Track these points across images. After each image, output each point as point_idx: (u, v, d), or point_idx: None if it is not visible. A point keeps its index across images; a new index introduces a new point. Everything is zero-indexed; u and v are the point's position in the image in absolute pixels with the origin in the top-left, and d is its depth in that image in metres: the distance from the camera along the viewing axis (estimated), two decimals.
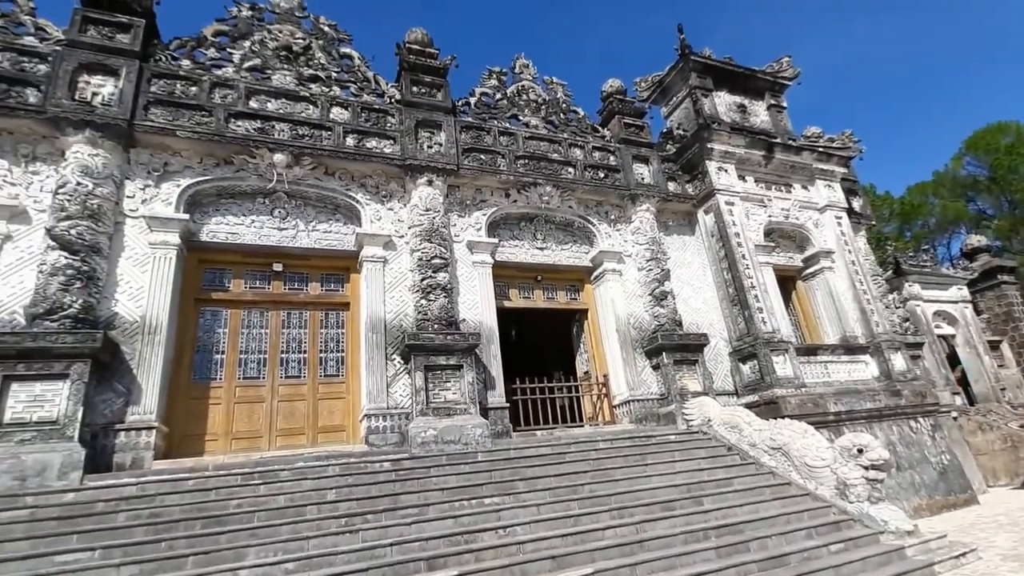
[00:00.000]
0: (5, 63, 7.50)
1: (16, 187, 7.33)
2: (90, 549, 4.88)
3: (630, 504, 6.42)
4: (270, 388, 8.27)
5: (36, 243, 7.08)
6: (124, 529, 5.29)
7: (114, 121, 7.63)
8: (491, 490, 6.50)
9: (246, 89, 8.80)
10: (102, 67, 7.91)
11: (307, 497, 6.07)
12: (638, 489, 6.85)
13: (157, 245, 7.74)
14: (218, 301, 8.44)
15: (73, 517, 5.39)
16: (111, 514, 5.51)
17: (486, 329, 9.21)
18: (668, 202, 11.81)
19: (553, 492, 6.59)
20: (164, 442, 7.15)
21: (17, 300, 6.81)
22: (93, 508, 5.58)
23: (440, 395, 8.02)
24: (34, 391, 6.24)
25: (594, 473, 7.19)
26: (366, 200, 9.31)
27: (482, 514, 5.91)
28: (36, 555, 4.76)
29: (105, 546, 4.92)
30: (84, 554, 4.83)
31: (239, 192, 8.70)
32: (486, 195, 10.32)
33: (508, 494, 6.44)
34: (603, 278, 10.88)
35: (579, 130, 11.72)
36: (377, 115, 9.62)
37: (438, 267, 8.87)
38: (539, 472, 7.08)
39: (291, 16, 9.76)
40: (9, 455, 5.81)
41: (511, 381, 9.41)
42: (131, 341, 7.18)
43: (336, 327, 9.03)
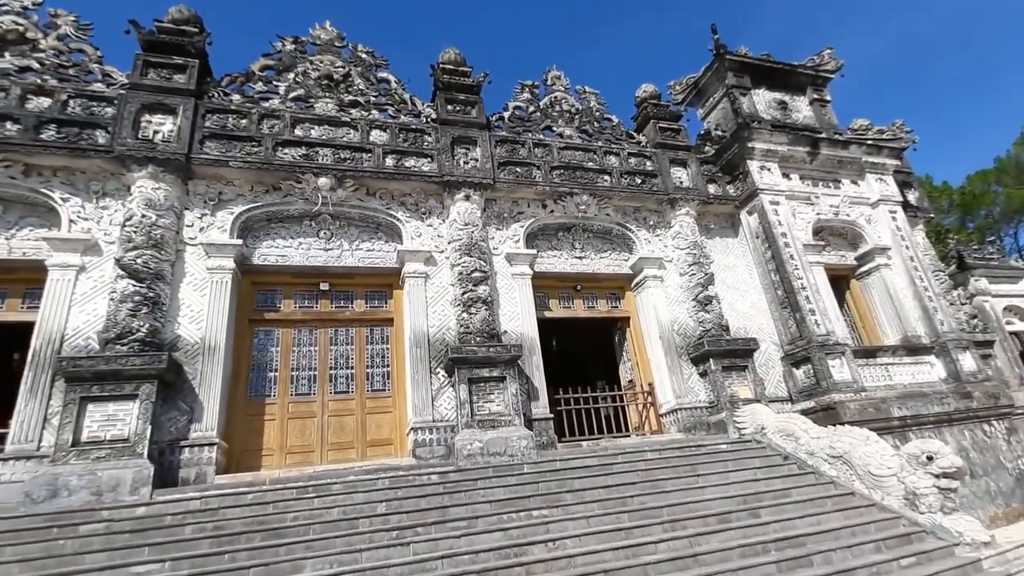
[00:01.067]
0: (77, 108, 8.17)
1: (88, 222, 7.92)
2: (160, 561, 5.14)
3: (683, 516, 6.25)
4: (320, 404, 8.53)
5: (107, 273, 7.61)
6: (190, 541, 5.54)
7: (173, 156, 8.17)
8: (539, 502, 6.47)
9: (291, 118, 9.24)
10: (162, 107, 8.49)
11: (359, 510, 6.21)
12: (690, 501, 6.66)
13: (214, 270, 8.17)
14: (270, 321, 8.81)
15: (144, 530, 5.69)
16: (178, 527, 5.79)
17: (527, 340, 9.24)
18: (709, 205, 11.57)
19: (602, 504, 6.49)
20: (224, 457, 7.47)
21: (91, 326, 7.33)
22: (162, 521, 5.88)
23: (484, 407, 8.07)
24: (107, 411, 6.66)
25: (643, 484, 7.05)
26: (406, 218, 9.55)
27: (531, 527, 5.89)
28: (112, 567, 5.06)
29: (174, 558, 5.18)
30: (155, 566, 5.10)
31: (287, 216, 9.09)
32: (523, 207, 10.40)
33: (556, 506, 6.39)
34: (644, 285, 10.73)
35: (614, 137, 11.68)
36: (414, 135, 9.89)
37: (478, 280, 8.98)
38: (586, 484, 7.00)
39: (331, 47, 10.21)
40: (87, 471, 6.21)
41: (554, 392, 9.37)
42: (193, 362, 7.58)
43: (381, 342, 9.25)
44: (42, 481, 6.03)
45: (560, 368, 11.19)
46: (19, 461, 6.53)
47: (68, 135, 7.94)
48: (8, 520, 5.68)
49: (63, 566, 5.03)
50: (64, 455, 6.29)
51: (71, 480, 6.09)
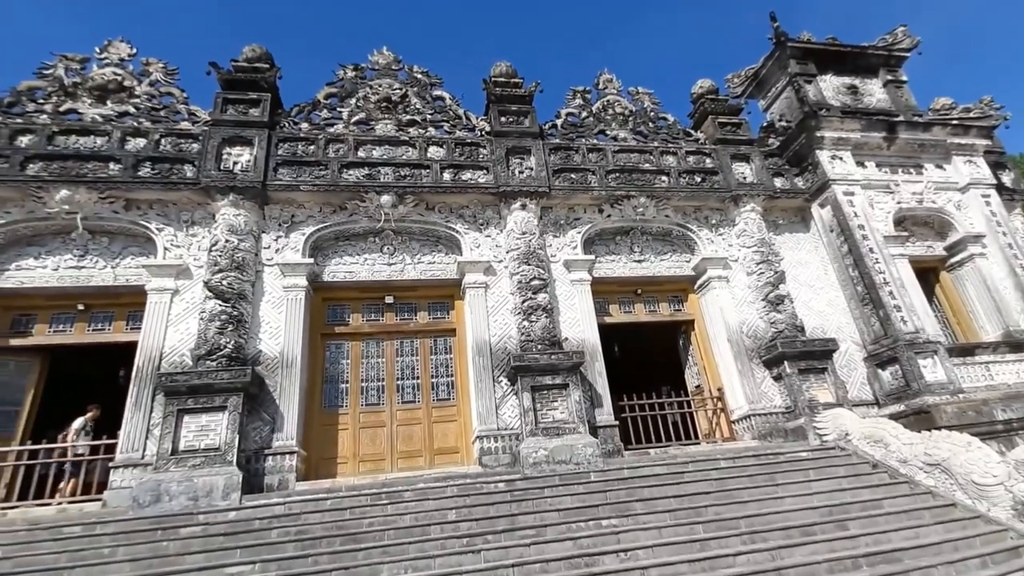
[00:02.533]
0: (168, 146, 8.99)
1: (180, 248, 8.67)
2: (251, 563, 5.49)
3: (762, 528, 5.96)
4: (389, 413, 8.83)
5: (197, 294, 8.28)
6: (277, 544, 5.88)
7: (251, 184, 8.81)
8: (608, 511, 6.37)
9: (354, 141, 9.71)
10: (240, 139, 9.19)
11: (430, 517, 6.36)
12: (770, 512, 6.34)
13: (289, 288, 8.69)
14: (341, 334, 9.23)
15: (236, 533, 6.10)
16: (266, 531, 6.16)
17: (589, 346, 9.16)
18: (775, 200, 11.05)
19: (674, 514, 6.31)
20: (304, 465, 7.88)
21: (185, 344, 7.98)
22: (251, 525, 6.27)
23: (548, 415, 8.06)
24: (201, 422, 7.22)
25: (717, 494, 6.78)
26: (465, 229, 9.76)
27: (601, 536, 5.81)
28: (209, 567, 5.45)
29: (263, 560, 5.51)
30: (247, 567, 5.44)
31: (353, 234, 9.54)
32: (579, 213, 10.36)
33: (626, 516, 6.27)
34: (708, 286, 10.38)
35: (670, 136, 11.43)
36: (469, 148, 10.12)
37: (537, 288, 9.02)
38: (657, 493, 6.82)
39: (388, 70, 10.67)
40: (184, 478, 6.74)
41: (618, 398, 9.22)
42: (273, 375, 8.08)
43: (444, 352, 9.47)
44: (147, 487, 6.61)
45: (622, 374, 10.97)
46: (127, 468, 7.18)
47: (161, 171, 8.75)
48: (119, 523, 6.26)
49: (167, 566, 5.47)
50: (165, 463, 6.86)
51: (171, 486, 6.63)
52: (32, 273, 8.33)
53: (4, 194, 8.28)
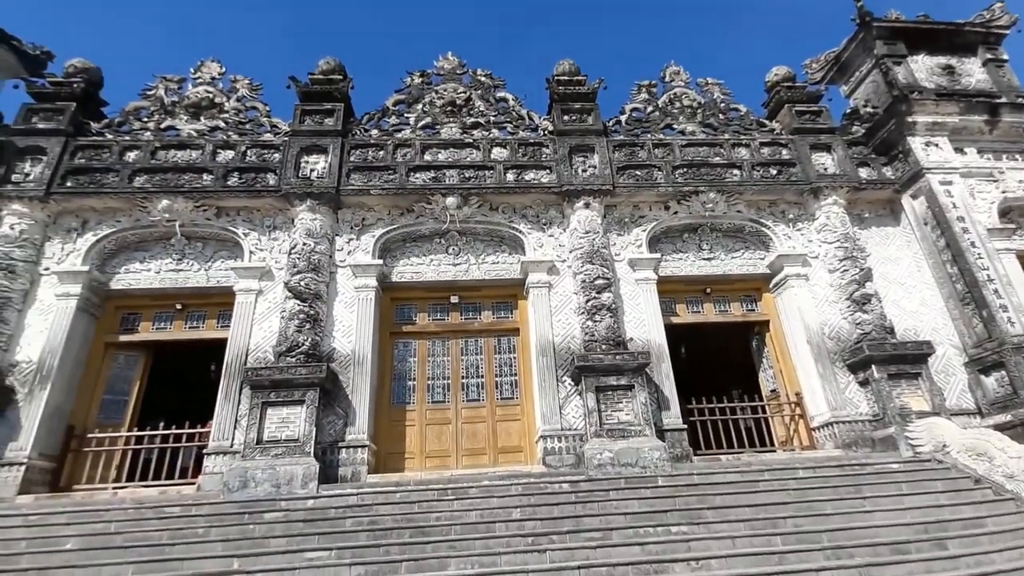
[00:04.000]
0: (253, 157, 9.65)
1: (263, 252, 9.28)
2: (328, 549, 5.77)
3: (847, 543, 5.57)
4: (454, 411, 9.01)
5: (278, 295, 8.83)
6: (350, 533, 6.16)
7: (326, 190, 9.28)
8: (677, 518, 6.18)
9: (421, 145, 10.00)
10: (316, 148, 9.71)
11: (495, 514, 6.43)
12: (856, 526, 5.92)
13: (360, 288, 9.07)
14: (408, 333, 9.53)
15: (313, 520, 6.45)
16: (340, 519, 6.47)
17: (655, 347, 8.92)
18: (861, 191, 10.28)
19: (749, 524, 6.02)
20: (374, 459, 8.20)
21: (268, 341, 8.53)
22: (327, 514, 6.60)
23: (613, 416, 7.93)
24: (282, 414, 7.69)
25: (797, 505, 6.41)
26: (528, 229, 9.79)
27: (670, 543, 5.64)
28: (291, 551, 5.79)
29: (338, 547, 5.79)
30: (323, 553, 5.73)
31: (419, 235, 9.82)
32: (644, 210, 10.12)
33: (696, 523, 6.06)
34: (785, 285, 9.82)
35: (742, 128, 10.92)
36: (532, 148, 10.14)
37: (601, 287, 8.90)
38: (729, 501, 6.54)
39: (453, 75, 10.91)
40: (268, 467, 7.20)
41: (686, 401, 8.93)
42: (345, 371, 8.46)
43: (508, 352, 9.54)
44: (235, 473, 7.12)
45: (690, 376, 10.60)
46: (218, 456, 7.77)
47: (247, 180, 9.41)
48: (212, 505, 6.79)
49: (254, 547, 5.87)
50: (251, 452, 7.36)
51: (256, 473, 7.10)
52: (138, 276, 9.20)
53: (115, 204, 9.20)
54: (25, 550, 5.87)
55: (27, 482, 7.46)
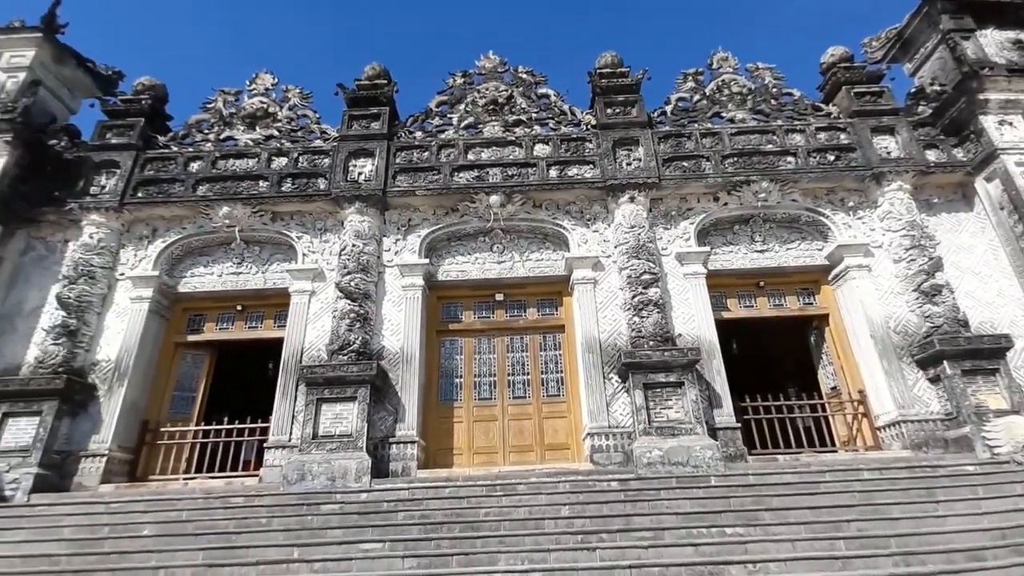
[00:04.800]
0: (304, 163, 10.02)
1: (315, 254, 9.62)
2: (381, 541, 5.96)
3: (918, 549, 5.26)
4: (501, 408, 9.06)
5: (330, 295, 9.14)
6: (402, 526, 6.32)
7: (373, 192, 9.52)
8: (732, 519, 6.00)
9: (464, 145, 10.10)
10: (363, 151, 9.98)
11: (543, 511, 6.44)
12: (927, 531, 5.57)
13: (407, 287, 9.26)
14: (454, 331, 9.65)
15: (367, 513, 6.65)
16: (392, 513, 6.64)
17: (705, 343, 8.67)
18: (928, 175, 9.63)
19: (809, 527, 5.77)
20: (423, 454, 8.35)
21: (321, 340, 8.85)
22: (380, 507, 6.80)
23: (662, 414, 7.77)
24: (335, 411, 7.96)
25: (861, 508, 6.09)
26: (572, 225, 9.72)
27: (725, 545, 5.49)
28: (347, 542, 6.00)
29: (391, 540, 5.96)
30: (378, 545, 5.91)
31: (464, 234, 9.92)
32: (692, 203, 9.84)
33: (753, 525, 5.86)
34: (846, 276, 9.33)
35: (796, 113, 10.44)
36: (575, 143, 10.06)
37: (648, 283, 8.73)
38: (788, 503, 6.29)
39: (494, 73, 10.95)
40: (324, 460, 7.47)
41: (739, 399, 8.63)
42: (394, 369, 8.66)
43: (554, 349, 9.51)
44: (293, 466, 7.43)
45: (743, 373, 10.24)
46: (277, 450, 8.12)
47: (299, 185, 9.79)
48: (273, 496, 7.12)
49: (312, 537, 6.12)
50: (307, 446, 7.67)
51: (313, 467, 7.38)
52: (203, 279, 9.74)
53: (180, 212, 9.77)
54: (108, 535, 6.35)
55: (108, 472, 8.04)
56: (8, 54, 10.56)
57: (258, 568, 5.56)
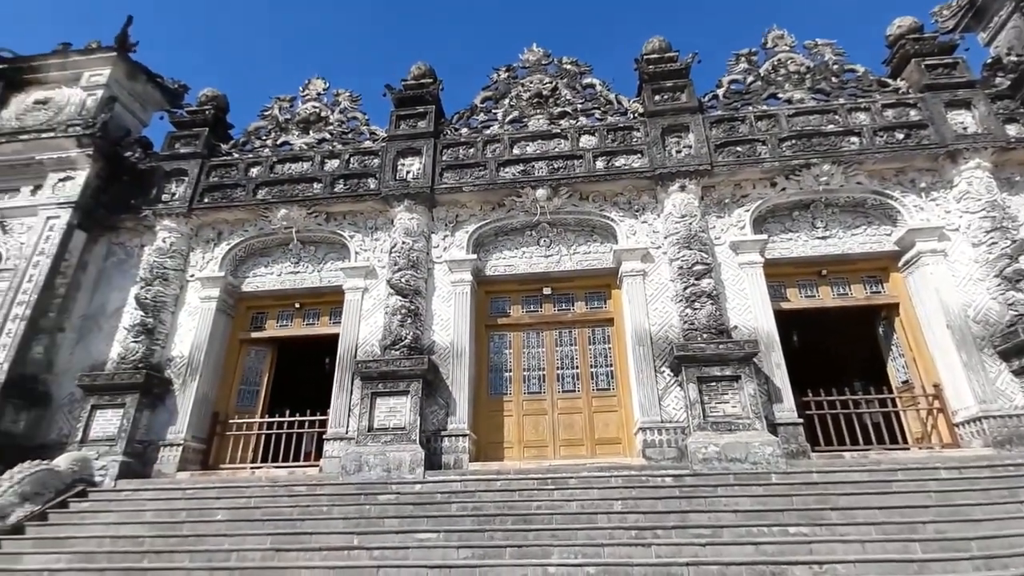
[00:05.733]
0: (355, 164, 10.32)
1: (367, 252, 9.90)
2: (436, 532, 6.07)
3: (1002, 552, 4.87)
4: (550, 402, 9.04)
5: (381, 292, 9.39)
6: (456, 517, 6.42)
7: (421, 190, 9.70)
8: (794, 518, 5.75)
9: (509, 139, 10.11)
10: (411, 150, 10.18)
11: (596, 506, 6.39)
12: (1011, 534, 5.15)
13: (456, 283, 9.38)
14: (503, 326, 9.70)
15: (422, 504, 6.81)
16: (446, 504, 6.77)
17: (763, 335, 8.33)
18: (1009, 151, 8.84)
19: (880, 528, 5.45)
20: (474, 447, 8.45)
21: (374, 336, 9.11)
22: (433, 498, 6.94)
23: (718, 408, 7.54)
24: (389, 404, 8.18)
25: (938, 509, 5.70)
26: (619, 217, 9.55)
27: (788, 544, 5.26)
28: (403, 531, 6.16)
29: (446, 530, 6.06)
30: (432, 535, 6.03)
31: (511, 229, 9.94)
32: (747, 189, 9.45)
33: (818, 524, 5.59)
34: (918, 263, 8.72)
35: (860, 90, 9.82)
36: (622, 133, 9.87)
37: (700, 273, 8.46)
38: (856, 502, 5.97)
39: (538, 66, 10.90)
40: (379, 452, 7.70)
41: (801, 393, 8.25)
42: (445, 364, 8.80)
43: (603, 342, 9.39)
44: (351, 458, 7.71)
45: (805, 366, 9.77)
46: (336, 441, 8.44)
47: (351, 185, 10.10)
48: (332, 486, 7.40)
49: (371, 526, 6.33)
50: (363, 438, 7.93)
51: (369, 458, 7.63)
52: (264, 279, 10.23)
53: (242, 216, 10.29)
54: (185, 519, 6.80)
55: (184, 460, 8.61)
56: (87, 74, 11.43)
57: (321, 553, 5.81)
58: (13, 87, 11.52)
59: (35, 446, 8.57)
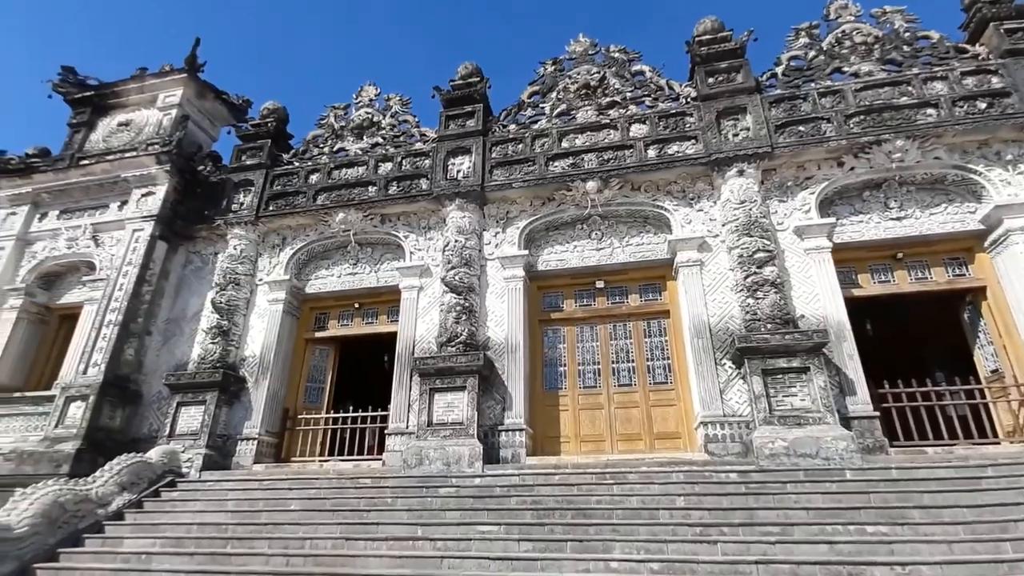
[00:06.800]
0: (407, 166, 10.59)
1: (421, 252, 10.14)
2: (496, 524, 6.15)
3: None
4: (606, 396, 8.94)
5: (436, 289, 9.58)
6: (516, 511, 6.48)
7: (472, 188, 9.83)
8: (872, 516, 5.44)
9: (558, 133, 10.05)
10: (461, 150, 10.33)
11: (657, 501, 6.28)
12: None
13: (509, 279, 9.45)
14: (556, 320, 9.68)
15: (481, 497, 6.92)
16: (505, 497, 6.85)
17: (833, 324, 7.90)
18: None
19: (969, 528, 5.07)
20: (531, 442, 8.48)
21: (430, 333, 9.33)
22: (493, 492, 7.04)
23: (785, 402, 7.22)
24: (447, 399, 8.36)
25: None
26: (673, 206, 9.30)
27: (866, 544, 4.99)
28: (464, 523, 6.28)
29: (506, 523, 6.14)
30: (493, 528, 6.12)
31: (561, 223, 9.89)
32: (811, 170, 8.96)
33: (899, 524, 5.27)
34: (1007, 242, 7.99)
35: (936, 58, 9.08)
36: (674, 119, 9.59)
37: (762, 261, 8.12)
38: (941, 500, 5.57)
39: (585, 56, 10.76)
40: (439, 447, 7.89)
41: (876, 385, 7.76)
42: (500, 359, 8.89)
43: (659, 335, 9.19)
44: (412, 452, 7.94)
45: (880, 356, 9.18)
46: (397, 436, 8.71)
47: (404, 187, 10.36)
48: (395, 479, 7.66)
49: (433, 518, 6.50)
50: (423, 433, 8.14)
51: (429, 452, 7.83)
52: (325, 281, 10.69)
53: (304, 221, 10.78)
54: (263, 508, 7.23)
55: (259, 453, 9.15)
56: (162, 95, 12.30)
57: (388, 543, 6.03)
58: (99, 112, 12.57)
59: (129, 440, 9.38)
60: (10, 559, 6.06)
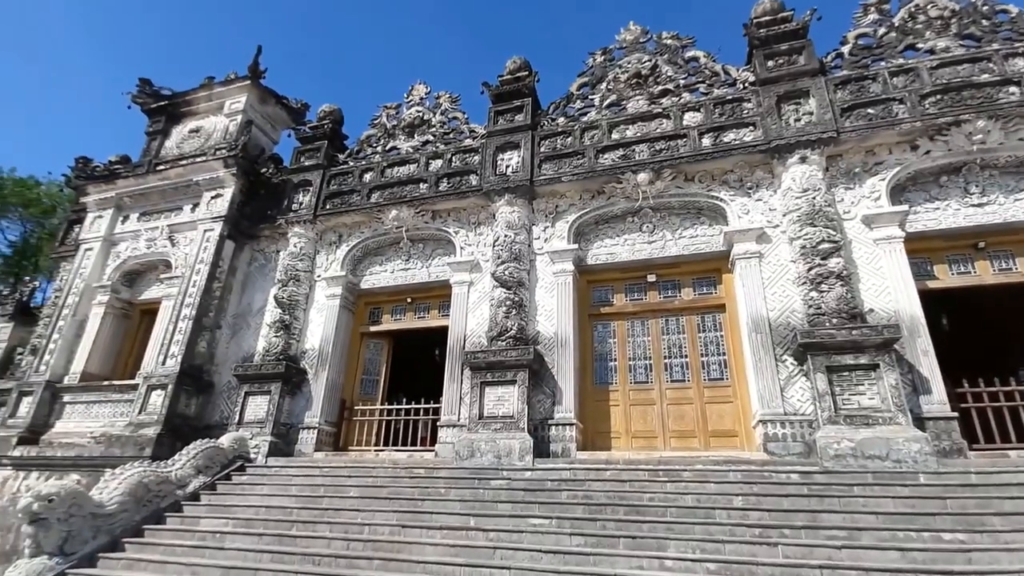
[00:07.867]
0: (457, 162, 10.74)
1: (471, 247, 10.27)
2: (548, 518, 6.18)
3: None
4: (658, 392, 8.77)
5: (486, 284, 9.68)
6: (566, 505, 6.49)
7: (521, 183, 9.85)
8: (949, 523, 5.10)
9: (607, 125, 9.90)
10: (509, 144, 10.37)
11: (713, 500, 6.12)
12: None
13: (558, 273, 9.41)
14: (606, 315, 9.57)
15: (532, 490, 6.96)
16: (556, 491, 6.86)
17: (905, 318, 7.42)
18: None
19: None
20: (581, 436, 8.45)
21: (480, 327, 9.44)
22: (544, 485, 7.07)
23: (852, 400, 6.86)
24: (497, 393, 8.45)
25: None
26: (730, 196, 8.98)
27: (941, 552, 4.68)
28: (516, 515, 6.35)
29: (557, 517, 6.16)
30: (544, 521, 6.16)
31: (612, 216, 9.75)
32: (881, 155, 8.43)
33: (978, 531, 4.91)
34: None
35: (1016, 33, 8.34)
36: (731, 106, 9.24)
37: (827, 252, 7.71)
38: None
39: (636, 45, 10.53)
40: (490, 439, 7.99)
41: (954, 384, 7.24)
42: (549, 353, 8.89)
43: (714, 330, 8.92)
44: (464, 444, 8.08)
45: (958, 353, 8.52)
46: (449, 428, 8.89)
47: (454, 183, 10.52)
48: (448, 470, 7.82)
49: (485, 509, 6.61)
50: (474, 425, 8.27)
51: (480, 445, 7.95)
52: (379, 277, 11.02)
53: (359, 219, 11.14)
54: (324, 494, 7.57)
55: (319, 442, 9.58)
56: (228, 102, 12.99)
57: (441, 532, 6.18)
58: (173, 120, 13.44)
59: (203, 426, 10.04)
60: (103, 533, 6.65)
